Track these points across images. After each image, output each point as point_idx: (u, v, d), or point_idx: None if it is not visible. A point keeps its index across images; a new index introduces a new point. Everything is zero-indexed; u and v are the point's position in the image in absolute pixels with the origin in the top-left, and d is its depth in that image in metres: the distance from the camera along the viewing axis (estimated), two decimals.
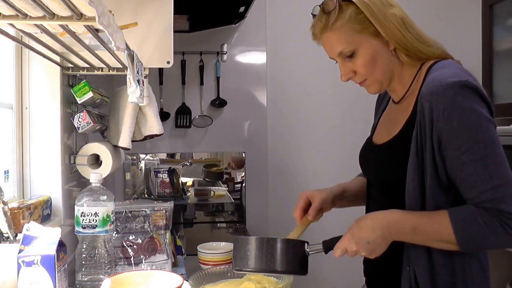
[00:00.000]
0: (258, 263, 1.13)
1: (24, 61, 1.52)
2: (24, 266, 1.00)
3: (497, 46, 2.32)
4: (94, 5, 0.71)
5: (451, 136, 1.02)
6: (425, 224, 1.04)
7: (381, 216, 1.08)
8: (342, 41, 1.14)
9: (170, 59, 1.47)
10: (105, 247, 1.36)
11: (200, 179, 2.74)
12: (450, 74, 1.05)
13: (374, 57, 1.13)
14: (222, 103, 2.69)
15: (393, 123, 1.21)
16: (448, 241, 1.03)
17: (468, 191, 1.02)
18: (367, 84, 1.19)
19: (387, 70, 1.16)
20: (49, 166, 1.54)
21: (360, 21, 1.12)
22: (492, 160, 1.00)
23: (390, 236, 1.06)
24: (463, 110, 1.01)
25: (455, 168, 1.03)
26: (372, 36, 1.12)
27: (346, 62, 1.16)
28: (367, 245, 1.05)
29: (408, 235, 1.06)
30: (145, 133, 1.81)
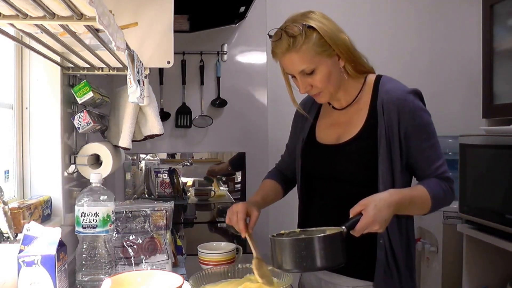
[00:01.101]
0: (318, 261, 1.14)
1: (24, 61, 1.52)
2: (24, 266, 1.00)
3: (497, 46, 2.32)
4: (94, 5, 0.71)
5: (414, 129, 1.35)
6: (415, 197, 1.33)
7: (391, 196, 1.27)
8: (304, 61, 1.33)
9: (170, 59, 1.48)
10: (105, 247, 1.36)
11: (200, 179, 2.74)
12: (402, 85, 1.41)
13: (330, 74, 1.36)
14: (223, 103, 2.69)
15: (342, 126, 1.45)
16: (425, 207, 1.36)
17: (428, 168, 1.38)
18: (321, 95, 1.41)
19: (338, 84, 1.40)
20: (50, 166, 1.54)
21: (321, 45, 1.33)
22: (437, 145, 1.39)
23: (396, 211, 1.28)
24: (421, 109, 1.37)
25: (417, 153, 1.37)
26: (329, 57, 1.35)
27: (306, 78, 1.37)
28: (384, 222, 1.24)
29: (406, 208, 1.32)
30: (145, 133, 1.81)
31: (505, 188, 2.03)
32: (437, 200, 1.36)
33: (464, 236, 2.32)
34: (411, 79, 3.03)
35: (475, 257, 2.30)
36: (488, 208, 2.11)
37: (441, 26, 2.98)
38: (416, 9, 2.99)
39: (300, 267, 1.16)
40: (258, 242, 2.33)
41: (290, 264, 1.16)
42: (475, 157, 2.24)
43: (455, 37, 2.98)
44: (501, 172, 2.05)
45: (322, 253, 1.13)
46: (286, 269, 1.19)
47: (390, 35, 2.98)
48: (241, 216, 1.42)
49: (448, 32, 2.99)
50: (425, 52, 2.98)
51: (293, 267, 1.16)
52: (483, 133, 2.29)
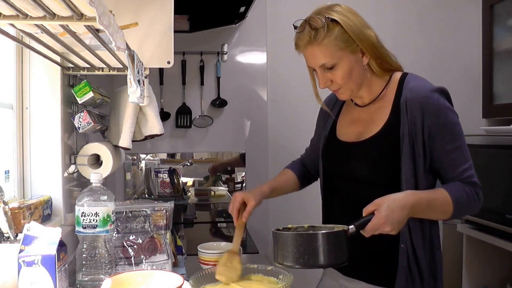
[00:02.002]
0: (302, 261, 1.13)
1: (24, 61, 1.52)
2: (24, 266, 1.00)
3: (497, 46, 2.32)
4: (94, 5, 0.72)
5: (438, 129, 1.29)
6: (435, 201, 1.27)
7: (407, 197, 1.22)
8: (326, 55, 1.30)
9: (170, 59, 1.48)
10: (105, 247, 1.36)
11: (200, 179, 2.74)
12: (427, 83, 1.34)
13: (351, 70, 1.32)
14: (223, 103, 2.69)
15: (364, 123, 1.41)
16: (447, 211, 1.28)
17: (453, 171, 1.30)
18: (340, 91, 1.37)
19: (360, 81, 1.36)
20: (50, 166, 1.54)
21: (344, 40, 1.29)
22: (464, 147, 1.32)
23: (412, 214, 1.23)
24: (446, 108, 1.30)
25: (441, 155, 1.30)
26: (352, 53, 1.31)
27: (326, 73, 1.33)
28: (398, 224, 1.18)
29: (422, 212, 1.26)
30: (145, 133, 1.81)
31: (505, 188, 2.03)
32: (459, 205, 1.28)
33: (464, 236, 2.32)
34: None
35: (475, 257, 2.30)
36: (488, 208, 2.11)
37: (441, 26, 2.99)
38: (416, 9, 2.99)
39: (298, 263, 1.13)
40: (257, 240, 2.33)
41: (289, 259, 1.14)
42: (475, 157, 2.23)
43: (455, 37, 2.98)
44: (501, 172, 2.06)
45: (322, 250, 1.11)
46: (285, 264, 1.16)
47: (390, 35, 2.97)
48: (236, 205, 1.42)
49: (448, 32, 2.99)
50: (425, 52, 2.98)
51: (292, 262, 1.14)
52: (483, 133, 2.30)
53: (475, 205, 1.31)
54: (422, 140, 1.29)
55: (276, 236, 1.17)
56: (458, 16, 2.96)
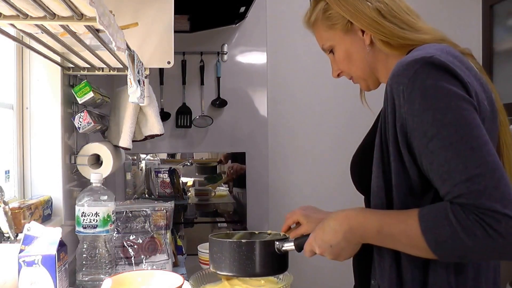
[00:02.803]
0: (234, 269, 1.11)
1: (25, 61, 1.52)
2: (24, 266, 1.01)
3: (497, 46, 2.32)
4: (94, 5, 0.72)
5: (415, 120, 0.84)
6: (391, 226, 0.87)
7: (343, 217, 0.94)
8: (320, 37, 1.14)
9: (170, 59, 1.48)
10: (105, 247, 1.36)
11: (200, 179, 2.74)
12: (419, 53, 0.89)
13: (349, 53, 1.09)
14: (223, 103, 2.69)
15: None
16: (418, 246, 0.84)
17: (442, 186, 0.83)
18: (354, 81, 1.16)
19: (365, 66, 1.09)
20: (50, 166, 1.54)
21: (329, 17, 1.09)
22: (466, 145, 0.80)
23: (355, 239, 0.93)
24: (425, 88, 0.84)
25: (425, 160, 0.85)
26: (344, 32, 1.08)
27: (333, 60, 1.16)
28: (330, 248, 0.95)
29: (375, 238, 0.91)
30: (145, 133, 1.82)
31: None
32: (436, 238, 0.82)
33: None
34: None
35: None
36: None
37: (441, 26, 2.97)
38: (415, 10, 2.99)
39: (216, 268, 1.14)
40: None
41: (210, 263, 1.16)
42: None
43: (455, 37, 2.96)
44: None
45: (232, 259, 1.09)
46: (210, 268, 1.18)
47: None
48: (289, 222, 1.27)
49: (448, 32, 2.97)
50: None
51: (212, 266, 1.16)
52: None
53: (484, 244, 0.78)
54: (396, 139, 0.89)
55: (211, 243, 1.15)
56: (458, 16, 2.96)
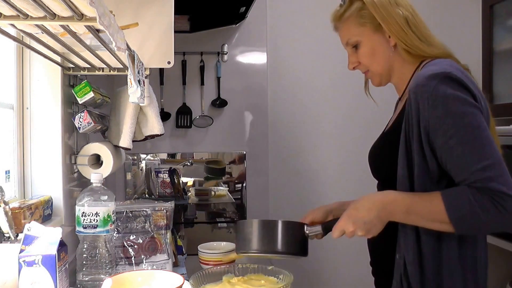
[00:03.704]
0: (259, 245, 1.20)
1: (25, 61, 1.53)
2: (25, 266, 1.01)
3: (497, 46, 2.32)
4: (95, 5, 0.72)
5: (437, 122, 1.06)
6: (418, 204, 1.07)
7: (377, 197, 1.12)
8: (348, 32, 1.27)
9: (170, 59, 1.48)
10: (106, 247, 1.36)
11: (201, 179, 2.74)
12: (436, 68, 1.10)
13: (374, 50, 1.24)
14: (223, 103, 2.69)
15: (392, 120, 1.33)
16: (441, 221, 1.05)
17: (460, 174, 1.05)
18: (369, 75, 1.31)
19: (386, 64, 1.25)
20: (50, 166, 1.54)
21: (363, 16, 1.23)
22: (479, 142, 1.03)
23: (385, 217, 1.10)
24: (446, 97, 1.06)
25: (444, 154, 1.06)
26: (374, 31, 1.23)
27: (353, 53, 1.29)
28: (364, 225, 1.10)
29: (402, 215, 1.09)
30: (146, 133, 1.82)
31: None
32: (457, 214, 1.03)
33: None
34: None
35: None
36: None
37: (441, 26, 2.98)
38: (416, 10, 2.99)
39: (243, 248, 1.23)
40: None
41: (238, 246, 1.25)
42: None
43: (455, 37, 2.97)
44: None
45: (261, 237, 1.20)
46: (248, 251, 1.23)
47: None
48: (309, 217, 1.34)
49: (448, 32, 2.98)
50: None
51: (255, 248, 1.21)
52: None
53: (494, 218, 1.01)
54: (419, 137, 1.10)
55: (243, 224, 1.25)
56: (458, 16, 2.96)
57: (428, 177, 1.10)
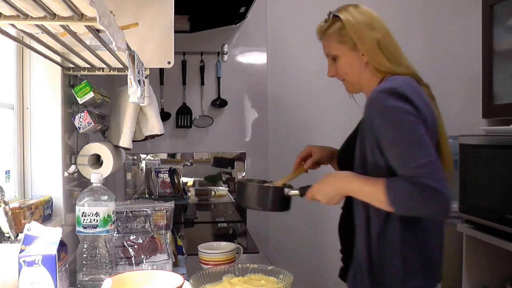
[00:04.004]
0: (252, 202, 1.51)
1: (25, 61, 1.53)
2: (25, 266, 1.01)
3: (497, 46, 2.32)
4: (95, 5, 0.72)
5: (384, 128, 1.29)
6: (367, 186, 1.32)
7: (338, 176, 1.40)
8: (329, 46, 1.46)
9: (171, 59, 1.48)
10: (106, 247, 1.36)
11: (201, 179, 2.75)
12: (388, 84, 1.33)
13: (350, 64, 1.45)
14: (223, 103, 2.69)
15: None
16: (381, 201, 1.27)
17: (400, 170, 1.26)
18: (345, 83, 1.51)
19: (359, 77, 1.47)
20: (50, 166, 1.54)
21: (342, 35, 1.43)
22: (416, 145, 1.25)
23: (343, 192, 1.37)
24: (391, 108, 1.28)
25: (389, 153, 1.29)
26: (350, 49, 1.43)
27: (332, 63, 1.49)
28: (326, 195, 1.38)
29: (355, 193, 1.35)
30: (146, 133, 1.82)
31: (504, 188, 2.03)
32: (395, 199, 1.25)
33: (464, 236, 2.32)
34: None
35: (475, 257, 2.30)
36: (488, 208, 2.11)
37: (441, 26, 2.99)
38: (415, 10, 2.99)
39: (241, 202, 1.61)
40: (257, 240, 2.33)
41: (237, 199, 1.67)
42: (475, 157, 2.24)
43: (455, 37, 2.98)
44: (501, 172, 2.06)
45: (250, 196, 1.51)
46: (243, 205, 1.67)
47: None
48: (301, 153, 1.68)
49: (448, 32, 2.99)
50: (425, 53, 2.98)
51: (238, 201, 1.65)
52: (483, 133, 2.30)
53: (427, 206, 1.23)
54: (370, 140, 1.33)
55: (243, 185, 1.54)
56: (458, 16, 2.96)
57: (380, 173, 1.32)
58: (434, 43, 2.99)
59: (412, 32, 2.98)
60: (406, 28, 2.99)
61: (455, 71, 2.99)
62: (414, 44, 2.98)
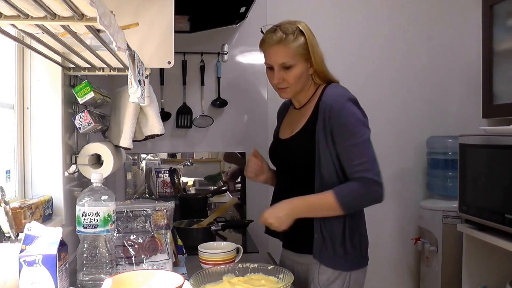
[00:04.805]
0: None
1: (25, 61, 1.53)
2: (25, 265, 1.01)
3: (497, 46, 2.32)
4: (95, 5, 0.72)
5: (339, 129, 1.57)
6: (315, 202, 1.60)
7: (288, 202, 1.61)
8: (289, 56, 1.63)
9: (171, 59, 1.48)
10: (106, 246, 1.36)
11: (201, 179, 2.75)
12: (341, 90, 1.66)
13: (302, 74, 1.66)
14: (223, 103, 2.69)
15: (295, 123, 1.74)
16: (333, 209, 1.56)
17: (348, 166, 1.58)
18: (287, 90, 1.69)
19: (303, 85, 1.69)
20: (51, 166, 1.54)
21: (304, 48, 1.64)
22: (362, 146, 1.57)
23: (293, 215, 1.59)
24: (348, 112, 1.58)
25: (340, 151, 1.58)
26: (305, 61, 1.66)
27: (281, 72, 1.66)
28: (277, 219, 1.59)
29: (306, 213, 1.60)
30: (146, 133, 1.82)
31: (504, 188, 2.03)
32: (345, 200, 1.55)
33: (464, 236, 2.32)
34: (411, 79, 3.04)
35: (475, 256, 2.30)
36: (488, 208, 2.11)
37: (441, 27, 2.99)
38: (415, 9, 2.99)
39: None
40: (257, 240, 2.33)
41: None
42: (475, 157, 2.24)
43: (455, 37, 2.98)
44: (501, 172, 2.06)
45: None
46: None
47: (389, 35, 2.98)
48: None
49: (448, 32, 2.99)
50: (425, 52, 2.98)
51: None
52: (483, 133, 2.29)
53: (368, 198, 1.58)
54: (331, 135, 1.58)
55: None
56: (458, 16, 2.96)
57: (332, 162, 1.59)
58: (434, 43, 2.99)
59: (412, 32, 2.98)
60: (406, 28, 2.99)
61: (455, 71, 2.99)
62: (414, 44, 2.98)
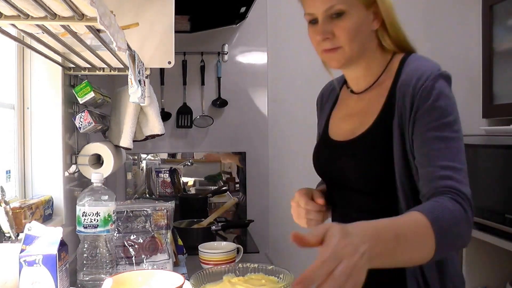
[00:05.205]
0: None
1: (25, 61, 1.53)
2: (25, 265, 1.01)
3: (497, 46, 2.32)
4: (95, 5, 0.72)
5: (423, 113, 1.00)
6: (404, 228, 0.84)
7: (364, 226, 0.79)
8: None
9: (171, 59, 1.48)
10: (106, 246, 1.36)
11: (201, 179, 2.75)
12: (429, 64, 1.07)
13: (359, 27, 1.07)
14: (223, 103, 2.69)
15: (359, 116, 1.15)
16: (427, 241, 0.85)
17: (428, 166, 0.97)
18: (338, 52, 1.09)
19: (362, 46, 1.10)
20: (51, 166, 1.54)
21: None
22: (455, 145, 0.99)
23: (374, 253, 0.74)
24: (441, 92, 1.01)
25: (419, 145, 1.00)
26: (365, 6, 1.08)
27: (329, 23, 1.08)
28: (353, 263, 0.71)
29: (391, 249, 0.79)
30: (146, 133, 1.82)
31: (505, 188, 2.03)
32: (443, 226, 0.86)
33: None
34: None
35: (475, 257, 2.30)
36: (488, 208, 2.11)
37: (441, 26, 2.99)
38: (415, 10, 2.99)
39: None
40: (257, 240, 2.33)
41: None
42: (475, 157, 2.24)
43: (455, 37, 2.98)
44: (501, 172, 2.06)
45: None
46: None
47: None
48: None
49: (448, 32, 2.99)
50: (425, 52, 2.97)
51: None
52: (483, 133, 2.30)
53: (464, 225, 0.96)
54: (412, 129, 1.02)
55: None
56: (458, 16, 2.96)
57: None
58: (434, 43, 2.98)
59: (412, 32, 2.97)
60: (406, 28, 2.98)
61: (455, 71, 2.95)
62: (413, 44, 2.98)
